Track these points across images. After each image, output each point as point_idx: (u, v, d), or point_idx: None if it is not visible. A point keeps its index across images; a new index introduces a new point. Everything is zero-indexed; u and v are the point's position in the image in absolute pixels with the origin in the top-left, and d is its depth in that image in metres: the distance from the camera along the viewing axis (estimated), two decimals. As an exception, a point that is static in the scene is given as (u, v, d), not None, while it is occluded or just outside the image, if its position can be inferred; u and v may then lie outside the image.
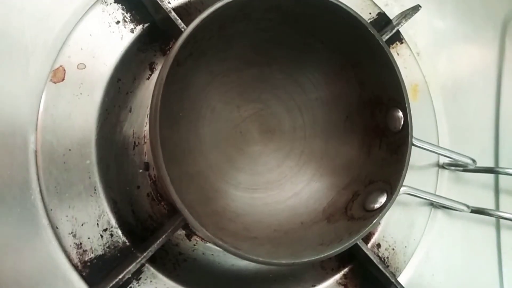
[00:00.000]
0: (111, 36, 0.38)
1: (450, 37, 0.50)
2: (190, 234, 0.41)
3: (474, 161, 0.42)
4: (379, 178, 0.37)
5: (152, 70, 0.41)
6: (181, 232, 0.41)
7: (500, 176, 0.49)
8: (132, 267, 0.34)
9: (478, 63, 0.51)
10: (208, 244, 0.41)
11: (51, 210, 0.35)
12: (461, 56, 0.51)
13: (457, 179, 0.47)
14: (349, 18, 0.35)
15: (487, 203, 0.49)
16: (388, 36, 0.43)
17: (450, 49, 0.50)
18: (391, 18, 0.46)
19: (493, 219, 0.49)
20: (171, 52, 0.30)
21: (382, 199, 0.35)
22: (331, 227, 0.37)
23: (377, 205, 0.35)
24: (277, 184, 0.41)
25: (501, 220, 0.49)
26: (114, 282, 0.33)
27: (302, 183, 0.41)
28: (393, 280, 0.39)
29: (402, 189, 0.37)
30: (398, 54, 0.47)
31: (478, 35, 0.52)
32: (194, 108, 0.37)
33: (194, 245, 0.41)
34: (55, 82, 0.36)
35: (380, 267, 0.40)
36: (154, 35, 0.40)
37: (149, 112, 0.40)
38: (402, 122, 0.36)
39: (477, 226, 0.48)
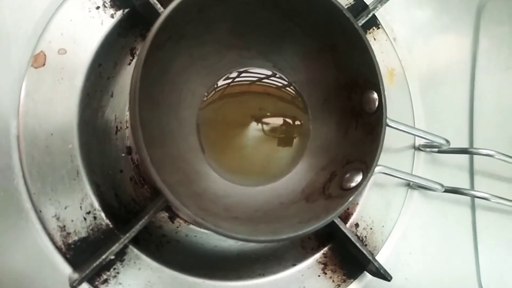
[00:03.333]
0: (91, 22, 0.38)
1: (426, 23, 0.52)
2: (173, 216, 0.42)
3: (447, 141, 0.43)
4: (355, 158, 0.38)
5: (133, 55, 0.42)
6: (164, 215, 0.42)
7: (475, 157, 0.50)
8: (115, 248, 0.35)
9: (453, 48, 0.53)
10: (191, 226, 0.42)
11: (34, 193, 0.36)
12: (437, 41, 0.52)
13: (433, 160, 0.49)
14: (325, 2, 0.36)
15: (463, 183, 0.50)
16: (364, 21, 0.44)
17: (426, 34, 0.51)
18: (368, 3, 0.47)
19: (468, 199, 0.50)
20: (149, 35, 0.30)
21: (358, 178, 0.36)
22: (309, 206, 0.38)
23: (353, 184, 0.36)
24: (257, 166, 0.42)
25: (476, 200, 0.50)
26: (97, 263, 0.34)
27: (282, 165, 0.42)
28: (370, 258, 0.41)
29: (377, 169, 0.38)
30: (375, 39, 0.48)
31: (453, 21, 0.53)
32: (174, 91, 0.38)
33: (177, 227, 0.42)
34: (36, 67, 0.36)
35: (358, 245, 0.41)
36: (134, 20, 0.41)
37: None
38: (377, 104, 0.37)
39: (452, 206, 0.49)
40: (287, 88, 0.42)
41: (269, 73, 0.42)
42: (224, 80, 0.41)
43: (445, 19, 0.53)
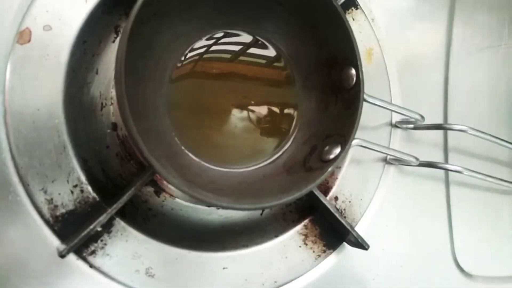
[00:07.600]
0: (76, -1, 0.39)
1: (404, 4, 0.53)
2: (158, 191, 0.43)
3: (422, 117, 0.45)
4: (334, 132, 0.40)
5: (117, 33, 0.42)
6: (150, 189, 0.43)
7: (449, 134, 0.52)
8: (103, 218, 0.35)
9: (430, 28, 0.55)
10: (177, 200, 0.43)
11: (22, 167, 0.36)
12: (414, 22, 0.53)
13: (409, 137, 0.51)
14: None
15: (438, 159, 0.52)
16: (343, 0, 0.45)
17: (403, 16, 0.53)
18: (346, -16, 0.48)
19: (442, 175, 0.52)
20: (134, 8, 0.31)
21: (337, 150, 0.38)
22: (291, 178, 0.39)
23: (332, 156, 0.38)
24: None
25: (450, 175, 0.52)
26: (84, 233, 0.35)
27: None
28: (349, 228, 0.42)
29: (355, 141, 0.40)
30: (353, 19, 0.49)
31: (430, 2, 0.55)
32: (159, 67, 0.39)
33: (163, 201, 0.43)
34: (21, 44, 0.37)
35: (338, 216, 0.42)
36: (119, -2, 0.41)
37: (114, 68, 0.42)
38: (355, 79, 0.38)
39: (427, 181, 0.51)
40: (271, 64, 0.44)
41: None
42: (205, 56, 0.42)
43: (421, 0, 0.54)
